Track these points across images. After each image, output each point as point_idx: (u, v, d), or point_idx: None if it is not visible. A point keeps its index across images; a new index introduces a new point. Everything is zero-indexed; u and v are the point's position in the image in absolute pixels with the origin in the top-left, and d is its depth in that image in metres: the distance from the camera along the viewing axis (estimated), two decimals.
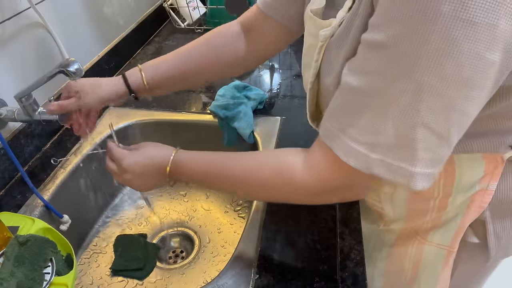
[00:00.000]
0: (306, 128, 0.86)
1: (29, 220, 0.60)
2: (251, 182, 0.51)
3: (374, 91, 0.38)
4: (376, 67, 0.37)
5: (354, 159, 0.40)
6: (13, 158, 0.63)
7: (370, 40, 0.38)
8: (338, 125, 0.42)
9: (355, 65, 0.40)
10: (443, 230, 0.62)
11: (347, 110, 0.41)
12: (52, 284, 0.52)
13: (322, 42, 0.47)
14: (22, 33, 0.76)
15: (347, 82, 0.41)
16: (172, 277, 0.77)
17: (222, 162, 0.54)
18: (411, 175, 0.38)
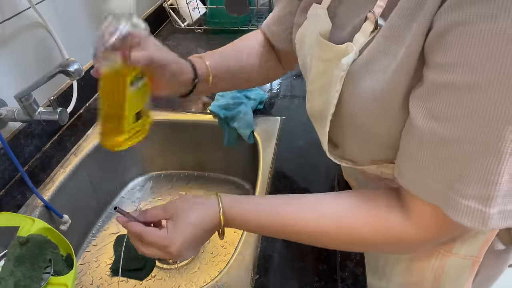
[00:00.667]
0: (306, 128, 0.86)
1: (29, 220, 0.60)
2: (338, 240, 0.47)
3: (477, 137, 0.34)
4: (472, 112, 0.33)
5: (468, 217, 0.36)
6: (13, 158, 0.63)
7: (453, 83, 0.34)
8: (441, 180, 0.37)
9: (435, 110, 0.36)
10: (470, 242, 0.60)
11: (447, 162, 0.36)
12: (52, 284, 0.53)
13: (344, 72, 0.43)
14: (22, 33, 0.76)
15: (432, 132, 0.36)
16: (172, 277, 0.77)
17: (291, 219, 0.48)
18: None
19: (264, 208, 0.50)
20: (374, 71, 0.40)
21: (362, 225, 0.45)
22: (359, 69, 0.42)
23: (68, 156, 0.81)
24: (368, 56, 0.41)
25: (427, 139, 0.37)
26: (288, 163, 0.77)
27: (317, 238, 0.48)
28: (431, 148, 0.37)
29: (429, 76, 0.36)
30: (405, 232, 0.43)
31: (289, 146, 0.81)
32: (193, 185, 0.96)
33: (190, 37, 1.31)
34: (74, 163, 0.79)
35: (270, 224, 0.49)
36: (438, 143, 0.36)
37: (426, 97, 0.37)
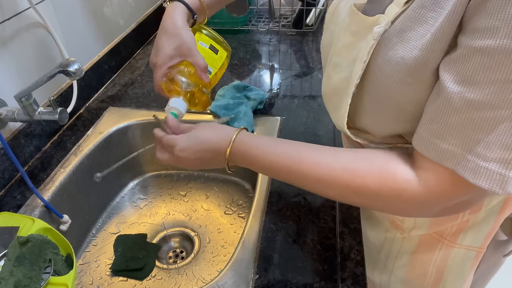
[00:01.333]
0: (306, 128, 0.86)
1: (29, 220, 0.60)
2: (345, 187, 0.46)
3: (505, 103, 0.35)
4: (505, 76, 0.34)
5: (486, 180, 0.37)
6: (13, 158, 0.63)
7: (489, 47, 0.34)
8: (461, 144, 0.38)
9: (468, 75, 0.36)
10: (474, 232, 0.60)
11: (471, 127, 0.37)
12: (52, 284, 0.53)
13: (375, 41, 0.43)
14: (22, 33, 0.76)
15: (462, 96, 0.37)
16: (172, 277, 0.77)
17: (303, 154, 0.48)
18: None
19: (276, 149, 0.50)
20: (408, 39, 0.41)
21: (368, 172, 0.45)
22: (390, 38, 0.42)
23: (68, 156, 0.81)
24: (401, 25, 0.41)
25: (454, 103, 0.37)
26: None
27: (325, 181, 0.47)
28: (457, 112, 0.38)
29: (465, 40, 0.37)
30: (410, 187, 0.42)
31: None
32: (193, 185, 0.96)
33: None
34: (74, 163, 0.79)
35: (280, 163, 0.49)
36: (466, 107, 0.37)
37: (458, 61, 0.37)
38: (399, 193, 0.43)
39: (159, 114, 0.92)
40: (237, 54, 1.19)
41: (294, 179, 0.49)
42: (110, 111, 0.94)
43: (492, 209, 0.58)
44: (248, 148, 0.51)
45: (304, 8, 1.24)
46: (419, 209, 0.44)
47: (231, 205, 0.91)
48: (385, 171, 0.44)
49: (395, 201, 0.44)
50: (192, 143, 0.53)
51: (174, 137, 0.54)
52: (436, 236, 0.63)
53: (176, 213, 0.90)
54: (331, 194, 0.49)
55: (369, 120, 0.51)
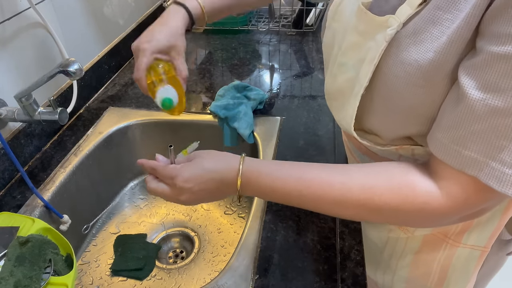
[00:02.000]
0: (306, 128, 0.86)
1: (29, 220, 0.60)
2: (363, 207, 0.44)
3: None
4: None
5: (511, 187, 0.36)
6: (13, 158, 0.63)
7: (509, 52, 0.34)
8: (484, 151, 0.37)
9: (491, 81, 0.36)
10: (479, 231, 0.60)
11: (495, 134, 0.36)
12: (52, 284, 0.53)
13: (386, 42, 0.42)
14: (22, 33, 0.76)
15: (485, 103, 0.36)
16: (172, 277, 0.77)
17: (314, 178, 0.46)
18: None
19: (285, 171, 0.48)
20: (422, 41, 0.40)
21: (387, 189, 0.43)
22: (403, 40, 0.42)
23: (68, 156, 0.81)
24: (414, 27, 0.41)
25: (477, 110, 0.37)
26: None
27: (340, 202, 0.44)
28: (480, 120, 0.37)
29: (486, 46, 0.36)
30: (433, 200, 0.41)
31: (289, 146, 0.81)
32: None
33: (189, 37, 1.31)
34: (74, 163, 0.79)
35: (290, 188, 0.46)
36: (490, 114, 0.36)
37: (480, 67, 0.36)
38: (422, 207, 0.42)
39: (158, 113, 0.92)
40: (237, 54, 1.19)
41: (307, 202, 0.47)
42: (110, 111, 0.94)
43: (497, 208, 0.58)
44: (258, 175, 0.48)
45: (304, 8, 1.24)
46: (440, 220, 0.44)
47: (231, 205, 0.91)
48: (404, 186, 0.43)
49: (417, 215, 0.43)
50: (198, 173, 0.48)
51: (176, 167, 0.50)
52: (440, 235, 0.62)
53: (176, 213, 0.90)
54: (347, 214, 0.47)
55: (377, 122, 0.50)
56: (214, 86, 1.02)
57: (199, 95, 0.99)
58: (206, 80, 1.05)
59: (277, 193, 0.47)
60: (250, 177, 0.48)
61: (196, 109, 0.94)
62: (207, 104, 0.95)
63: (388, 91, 0.45)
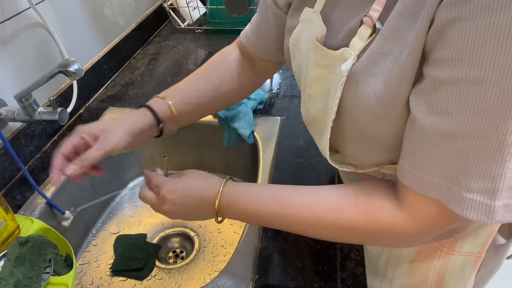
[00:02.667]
0: (306, 128, 0.86)
1: (28, 221, 0.60)
2: (334, 227, 0.46)
3: (480, 132, 0.34)
4: (475, 106, 0.33)
5: (473, 211, 0.36)
6: (14, 156, 0.64)
7: (455, 78, 0.34)
8: (443, 175, 0.37)
9: (438, 106, 0.36)
10: (472, 238, 0.60)
11: (450, 157, 0.36)
12: (52, 284, 0.53)
13: (344, 78, 0.42)
14: (22, 33, 0.76)
15: (436, 127, 0.36)
16: (172, 277, 0.77)
17: (288, 200, 0.48)
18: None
19: (263, 195, 0.50)
20: (376, 73, 0.40)
21: (354, 211, 0.44)
22: (360, 73, 0.42)
23: None
24: (368, 60, 0.41)
25: (429, 134, 0.37)
26: (288, 163, 0.77)
27: (313, 223, 0.46)
28: (433, 143, 0.37)
29: (430, 72, 0.36)
30: (399, 222, 0.42)
31: (289, 146, 0.81)
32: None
33: (190, 37, 1.31)
34: None
35: (268, 211, 0.48)
36: (441, 137, 0.36)
37: (427, 92, 0.37)
38: (390, 229, 0.43)
39: None
40: None
41: (284, 224, 0.49)
42: (110, 111, 0.94)
43: None
44: (237, 198, 0.50)
45: None
46: (412, 240, 0.44)
47: None
48: (371, 209, 0.44)
49: (387, 237, 0.44)
50: (181, 187, 0.52)
51: (165, 178, 0.54)
52: (435, 244, 0.62)
53: None
54: (324, 235, 0.48)
55: (353, 150, 0.50)
56: None
57: None
58: None
59: (255, 215, 0.50)
60: (229, 199, 0.50)
61: None
62: None
63: (355, 122, 0.45)
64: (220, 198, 0.50)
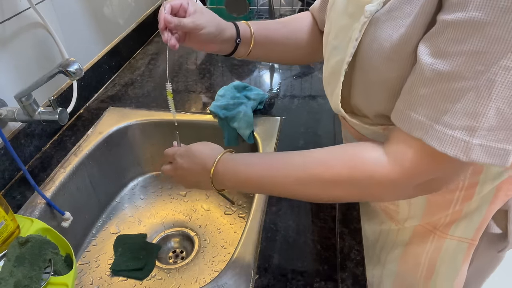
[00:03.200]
0: (306, 128, 0.86)
1: (27, 221, 0.60)
2: (320, 180, 0.47)
3: (471, 73, 0.36)
4: (472, 48, 0.35)
5: (451, 147, 0.38)
6: (14, 156, 0.64)
7: (456, 19, 0.36)
8: (430, 114, 0.39)
9: (440, 47, 0.38)
10: (466, 222, 0.60)
11: (439, 97, 0.38)
12: (52, 284, 0.53)
13: (366, 18, 0.44)
14: (22, 33, 0.76)
15: (432, 67, 0.38)
16: (172, 277, 0.77)
17: (279, 160, 0.51)
18: (507, 153, 0.37)
19: (257, 160, 0.53)
20: (396, 17, 0.42)
21: (338, 161, 0.46)
22: (380, 17, 0.44)
23: (68, 156, 0.81)
24: (390, 5, 0.43)
25: (425, 75, 0.39)
26: None
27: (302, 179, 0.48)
28: (427, 84, 0.39)
29: (440, 16, 0.38)
30: (380, 167, 0.44)
31: (289, 146, 0.81)
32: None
33: None
34: (74, 163, 0.79)
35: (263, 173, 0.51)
36: (435, 78, 0.38)
37: (433, 36, 0.39)
38: (370, 175, 0.44)
39: (165, 114, 0.92)
40: None
41: (274, 184, 0.51)
42: (110, 111, 0.94)
43: (484, 198, 0.58)
44: (233, 164, 0.54)
45: (304, 8, 1.24)
46: (393, 189, 0.45)
47: (231, 205, 0.91)
48: (355, 157, 0.46)
49: (368, 184, 0.45)
50: (188, 153, 0.58)
51: (178, 148, 0.61)
52: (429, 227, 0.64)
53: (176, 213, 0.90)
54: (311, 192, 0.49)
55: (361, 99, 0.52)
56: (214, 86, 1.02)
57: (199, 95, 0.99)
58: (206, 80, 1.05)
59: (248, 179, 0.53)
60: (225, 165, 0.54)
61: (196, 109, 0.94)
62: (207, 104, 0.95)
63: (366, 66, 0.47)
64: (216, 164, 0.54)
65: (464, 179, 0.56)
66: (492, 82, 0.35)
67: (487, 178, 0.55)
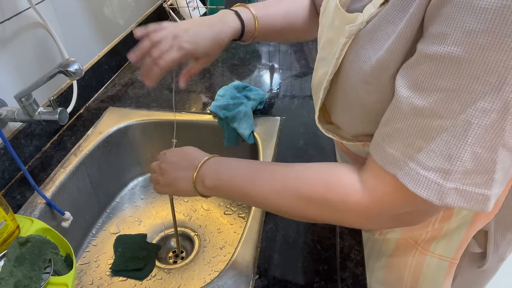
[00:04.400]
0: (306, 128, 0.86)
1: (27, 221, 0.60)
2: (296, 194, 0.47)
3: (448, 112, 0.34)
4: (449, 85, 0.33)
5: (425, 189, 0.36)
6: (14, 156, 0.64)
7: (435, 53, 0.34)
8: (404, 151, 0.38)
9: (418, 80, 0.36)
10: (446, 241, 0.60)
11: (415, 133, 0.37)
12: (52, 284, 0.53)
13: (347, 39, 0.43)
14: (22, 33, 0.76)
15: (409, 101, 0.37)
16: (172, 277, 0.77)
17: (264, 167, 0.51)
18: (486, 198, 0.35)
19: (238, 163, 0.54)
20: (376, 39, 0.41)
21: (316, 179, 0.46)
22: (362, 37, 0.42)
23: (68, 156, 0.81)
24: (372, 26, 0.41)
25: (402, 108, 0.37)
26: None
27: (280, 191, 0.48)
28: (404, 118, 0.37)
29: (419, 46, 0.36)
30: (354, 192, 0.43)
31: (289, 146, 0.81)
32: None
33: None
34: (74, 163, 0.79)
35: (238, 175, 0.52)
36: (411, 113, 0.37)
37: (412, 66, 0.37)
38: (344, 199, 0.43)
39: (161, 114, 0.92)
40: (237, 54, 1.19)
41: (254, 193, 0.50)
42: (110, 111, 0.94)
43: (464, 218, 0.57)
44: (219, 165, 0.55)
45: None
46: (366, 217, 0.44)
47: (231, 205, 0.91)
48: (332, 177, 0.45)
49: (341, 208, 0.44)
50: (180, 149, 0.60)
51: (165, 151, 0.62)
52: (411, 241, 0.63)
53: (176, 213, 0.90)
54: (286, 204, 0.49)
55: (341, 117, 0.51)
56: (214, 86, 1.02)
57: (199, 95, 0.99)
58: (206, 80, 1.05)
59: (229, 184, 0.53)
60: (213, 165, 0.55)
61: (196, 109, 0.94)
62: (207, 104, 0.95)
63: (346, 86, 0.46)
64: (207, 160, 0.55)
65: None
66: (469, 123, 0.33)
67: None
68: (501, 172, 0.35)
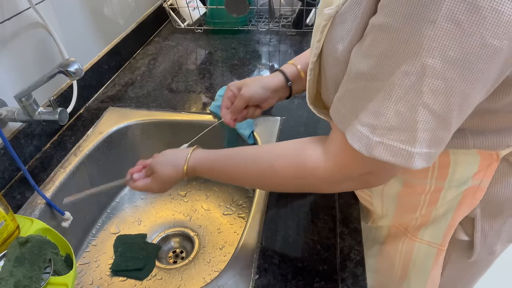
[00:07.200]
0: (306, 128, 0.86)
1: (27, 221, 0.60)
2: (269, 167, 0.52)
3: (381, 75, 0.38)
4: (383, 51, 0.37)
5: (357, 142, 0.40)
6: (14, 156, 0.64)
7: (376, 23, 0.38)
8: (351, 110, 0.42)
9: (363, 49, 0.40)
10: (433, 227, 0.62)
11: (358, 95, 0.41)
12: (52, 284, 0.53)
13: (326, 21, 0.46)
14: (22, 33, 0.76)
15: (356, 66, 0.41)
16: (172, 277, 0.77)
17: (238, 152, 0.56)
18: (410, 155, 0.39)
19: (227, 150, 0.58)
20: (346, 20, 0.44)
21: (288, 154, 0.51)
22: (336, 19, 0.45)
23: (68, 156, 0.81)
24: (345, 7, 0.44)
25: (351, 72, 0.42)
26: None
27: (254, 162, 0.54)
28: (352, 80, 0.42)
29: (370, 20, 0.40)
30: (319, 163, 0.47)
31: None
32: (193, 185, 0.96)
33: (190, 37, 1.31)
34: (74, 163, 0.79)
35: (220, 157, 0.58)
36: (357, 76, 0.41)
37: (364, 37, 0.41)
38: (313, 172, 0.48)
39: (157, 113, 0.92)
40: (237, 54, 1.19)
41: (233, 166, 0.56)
42: (110, 111, 0.94)
43: (450, 204, 0.59)
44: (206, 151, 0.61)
45: (304, 8, 1.24)
46: (332, 182, 0.49)
47: (231, 205, 0.91)
48: (301, 153, 0.50)
49: (312, 179, 0.49)
50: (164, 152, 0.65)
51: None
52: (401, 228, 0.66)
53: (176, 213, 0.90)
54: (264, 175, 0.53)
55: (326, 97, 0.55)
56: (214, 86, 1.02)
57: (199, 95, 0.99)
58: (206, 80, 1.05)
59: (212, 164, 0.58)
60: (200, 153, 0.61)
61: (196, 109, 0.94)
62: (207, 104, 0.95)
63: (326, 67, 0.49)
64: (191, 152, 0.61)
65: (430, 183, 0.57)
66: (393, 84, 0.37)
67: (451, 184, 0.56)
68: (426, 133, 0.38)
